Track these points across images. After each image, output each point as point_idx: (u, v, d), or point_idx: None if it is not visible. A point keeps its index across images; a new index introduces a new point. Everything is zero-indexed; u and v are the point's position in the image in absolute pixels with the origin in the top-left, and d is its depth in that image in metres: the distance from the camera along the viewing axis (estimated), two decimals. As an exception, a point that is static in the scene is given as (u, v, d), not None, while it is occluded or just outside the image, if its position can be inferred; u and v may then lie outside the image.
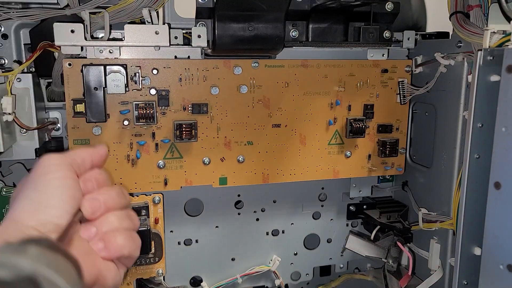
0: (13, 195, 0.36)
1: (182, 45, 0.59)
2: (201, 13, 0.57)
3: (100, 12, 0.55)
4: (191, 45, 0.58)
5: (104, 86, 0.56)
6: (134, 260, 0.39)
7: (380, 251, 0.70)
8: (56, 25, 0.54)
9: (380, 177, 0.75)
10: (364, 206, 0.75)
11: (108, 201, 0.37)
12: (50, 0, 0.56)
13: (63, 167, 0.36)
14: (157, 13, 0.57)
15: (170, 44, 0.57)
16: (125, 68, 0.57)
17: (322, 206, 0.76)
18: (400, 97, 0.68)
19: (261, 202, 0.72)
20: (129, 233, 0.38)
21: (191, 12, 0.57)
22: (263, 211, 0.73)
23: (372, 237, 0.73)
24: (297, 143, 0.66)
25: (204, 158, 0.62)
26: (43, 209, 0.33)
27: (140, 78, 0.58)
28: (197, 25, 0.58)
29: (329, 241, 0.77)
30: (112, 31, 0.56)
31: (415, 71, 0.68)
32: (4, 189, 0.61)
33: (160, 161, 0.60)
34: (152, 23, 0.57)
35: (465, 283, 0.54)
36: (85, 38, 0.54)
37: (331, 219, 0.77)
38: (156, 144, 0.60)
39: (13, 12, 0.56)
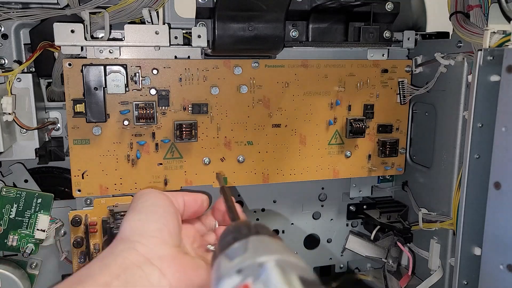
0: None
1: (182, 45, 0.59)
2: (201, 13, 0.57)
3: (100, 12, 0.55)
4: (191, 45, 0.58)
5: (104, 86, 0.56)
6: None
7: (380, 251, 0.70)
8: (56, 25, 0.54)
9: (380, 177, 0.75)
10: (364, 206, 0.75)
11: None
12: (50, 0, 0.56)
13: (157, 192, 0.40)
14: (157, 13, 0.57)
15: (170, 44, 0.57)
16: (125, 68, 0.57)
17: (322, 206, 0.76)
18: (400, 97, 0.68)
19: (261, 202, 0.72)
20: None
21: (191, 12, 0.57)
22: (263, 211, 0.73)
23: (372, 237, 0.73)
24: (297, 143, 0.66)
25: (204, 158, 0.62)
26: (144, 224, 0.36)
27: (140, 78, 0.58)
28: (197, 25, 0.58)
29: (329, 241, 0.77)
30: (112, 31, 0.56)
31: (415, 71, 0.68)
32: (4, 189, 0.61)
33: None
34: (152, 23, 0.57)
35: (465, 283, 0.54)
36: (85, 38, 0.54)
37: (331, 219, 0.77)
38: (156, 144, 0.60)
39: (13, 12, 0.56)
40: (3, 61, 0.62)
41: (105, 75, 0.56)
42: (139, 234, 0.35)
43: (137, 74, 0.57)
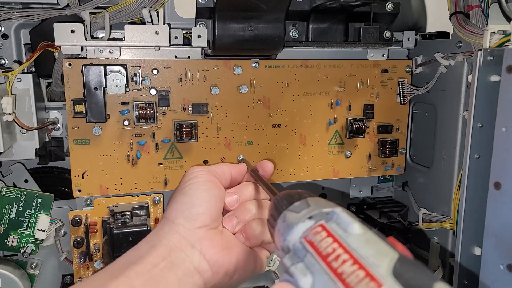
0: (168, 201, 0.45)
1: (182, 45, 0.59)
2: (201, 13, 0.57)
3: (100, 12, 0.55)
4: (191, 45, 0.58)
5: (104, 86, 0.56)
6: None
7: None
8: (56, 25, 0.54)
9: (380, 177, 0.75)
10: (364, 206, 0.75)
11: (245, 192, 0.46)
12: (50, 0, 0.56)
13: (205, 173, 0.44)
14: (157, 13, 0.57)
15: (170, 44, 0.57)
16: (125, 68, 0.57)
17: (322, 206, 0.75)
18: (400, 97, 0.68)
19: (261, 202, 0.72)
20: (265, 221, 0.43)
21: (191, 12, 0.57)
22: (263, 211, 0.73)
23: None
24: (297, 143, 0.66)
25: (205, 159, 0.62)
26: (189, 208, 0.41)
27: (140, 78, 0.58)
28: (197, 25, 0.58)
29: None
30: (112, 31, 0.57)
31: (415, 71, 0.68)
32: (4, 189, 0.61)
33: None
34: (152, 23, 0.57)
35: (465, 283, 0.54)
36: (85, 38, 0.54)
37: (331, 219, 0.76)
38: (156, 144, 0.60)
39: (13, 12, 0.56)
40: (3, 61, 0.62)
41: (105, 75, 0.56)
42: (183, 217, 0.40)
43: (137, 74, 0.57)
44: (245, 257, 0.42)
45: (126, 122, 0.58)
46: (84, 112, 0.56)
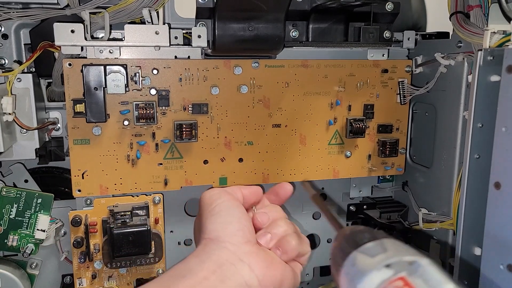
0: (196, 226, 0.47)
1: (182, 45, 0.59)
2: (201, 13, 0.57)
3: (100, 12, 0.55)
4: (191, 45, 0.58)
5: (104, 86, 0.56)
6: (307, 257, 0.46)
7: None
8: (56, 25, 0.54)
9: (380, 177, 0.75)
10: (364, 206, 0.75)
11: (273, 213, 0.47)
12: (50, 0, 0.56)
13: (225, 193, 0.45)
14: (157, 13, 0.57)
15: (170, 44, 0.57)
16: (125, 68, 0.57)
17: (322, 206, 0.76)
18: (400, 97, 0.68)
19: (261, 202, 0.72)
20: (297, 234, 0.45)
21: (191, 12, 0.57)
22: (263, 211, 0.72)
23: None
24: (297, 143, 0.66)
25: (205, 159, 0.62)
26: (227, 226, 0.41)
27: (140, 78, 0.58)
28: (197, 25, 0.58)
29: (329, 241, 0.77)
30: (112, 31, 0.56)
31: (415, 71, 0.68)
32: (4, 189, 0.60)
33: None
34: (152, 23, 0.57)
35: (465, 283, 0.54)
36: (85, 38, 0.54)
37: (331, 219, 0.77)
38: (156, 144, 0.60)
39: (13, 12, 0.56)
40: (3, 61, 0.62)
41: (105, 75, 0.56)
42: (226, 235, 0.41)
43: (137, 74, 0.57)
44: (287, 271, 0.43)
45: (126, 122, 0.58)
46: (84, 112, 0.56)
